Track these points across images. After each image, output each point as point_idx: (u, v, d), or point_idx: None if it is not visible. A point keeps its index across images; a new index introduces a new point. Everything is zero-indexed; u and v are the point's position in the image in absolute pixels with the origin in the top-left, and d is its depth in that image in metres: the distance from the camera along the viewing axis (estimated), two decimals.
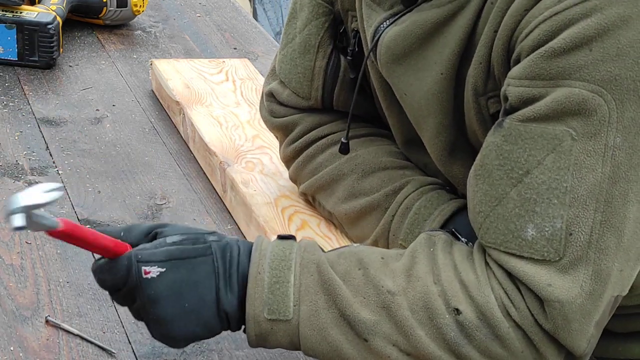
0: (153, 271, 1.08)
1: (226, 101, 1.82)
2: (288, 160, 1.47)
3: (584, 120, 1.04)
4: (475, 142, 1.21)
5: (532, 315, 1.07)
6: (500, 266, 1.09)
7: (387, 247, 1.32)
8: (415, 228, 1.27)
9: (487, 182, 1.10)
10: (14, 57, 2.02)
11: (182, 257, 1.10)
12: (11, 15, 2.01)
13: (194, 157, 1.73)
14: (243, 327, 1.13)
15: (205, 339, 1.14)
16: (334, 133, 1.41)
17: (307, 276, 1.11)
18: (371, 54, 1.26)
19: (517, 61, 1.09)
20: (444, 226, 1.24)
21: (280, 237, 1.15)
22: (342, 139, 1.35)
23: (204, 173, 1.67)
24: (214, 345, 1.26)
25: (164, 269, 1.09)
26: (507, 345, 1.08)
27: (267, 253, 1.12)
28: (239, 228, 1.52)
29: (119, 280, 1.10)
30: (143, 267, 1.08)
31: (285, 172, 1.51)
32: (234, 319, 1.12)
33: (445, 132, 1.22)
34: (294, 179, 1.47)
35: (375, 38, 1.24)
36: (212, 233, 1.14)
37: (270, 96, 1.47)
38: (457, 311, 1.08)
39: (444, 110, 1.21)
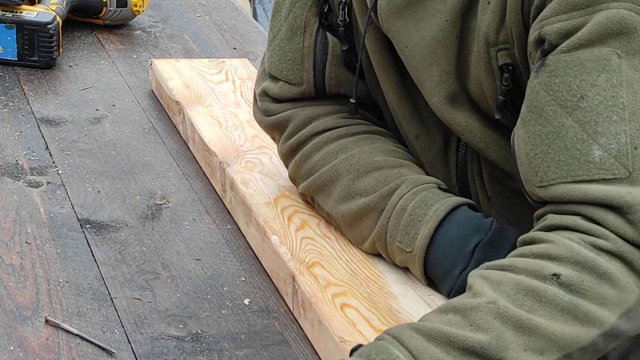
0: None
1: (226, 101, 1.82)
2: (286, 159, 1.47)
3: (625, 39, 1.08)
4: (478, 95, 1.24)
5: (618, 234, 1.06)
6: (564, 214, 1.08)
7: (385, 249, 1.32)
8: (411, 230, 1.28)
9: (539, 122, 1.11)
10: (13, 57, 2.02)
11: None
12: (11, 15, 2.01)
13: (194, 157, 1.73)
14: None
15: None
16: (329, 130, 1.41)
17: (410, 340, 1.04)
18: (371, 12, 1.28)
19: (541, 7, 1.12)
20: (440, 226, 1.25)
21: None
22: (351, 99, 1.38)
23: (204, 173, 1.68)
24: (214, 345, 1.26)
25: None
26: (614, 281, 1.05)
27: (356, 355, 1.05)
28: (238, 228, 1.52)
29: None
30: None
31: (284, 172, 1.51)
32: None
33: (448, 80, 1.24)
34: (293, 178, 1.48)
35: None
36: None
37: (263, 95, 1.47)
38: (556, 276, 1.05)
39: (448, 58, 1.23)
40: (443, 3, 1.22)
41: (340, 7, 1.38)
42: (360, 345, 1.07)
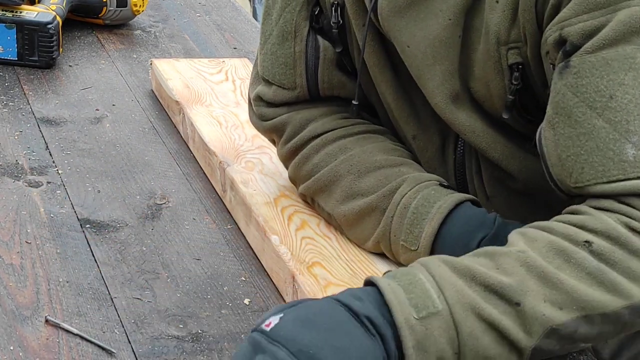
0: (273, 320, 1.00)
1: (226, 101, 1.82)
2: (285, 160, 1.47)
3: None
4: (483, 94, 1.24)
5: None
6: (604, 198, 1.09)
7: (389, 248, 1.32)
8: (415, 228, 1.28)
9: (567, 124, 1.11)
10: (13, 57, 2.02)
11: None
12: (11, 15, 2.01)
13: (194, 156, 1.73)
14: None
15: None
16: (327, 132, 1.41)
17: (436, 268, 1.07)
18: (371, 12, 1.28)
19: (558, 7, 1.12)
20: (443, 223, 1.25)
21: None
22: (353, 101, 1.38)
23: (204, 173, 1.68)
24: (214, 345, 1.26)
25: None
26: None
27: (384, 277, 1.07)
28: (238, 228, 1.52)
29: None
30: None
31: (284, 172, 1.51)
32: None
33: (451, 79, 1.24)
34: (293, 179, 1.48)
35: None
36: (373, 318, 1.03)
37: (258, 100, 1.47)
38: (588, 243, 1.07)
39: (451, 57, 1.23)
40: (445, 2, 1.22)
41: (333, 8, 1.38)
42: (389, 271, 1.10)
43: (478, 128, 1.27)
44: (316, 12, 1.40)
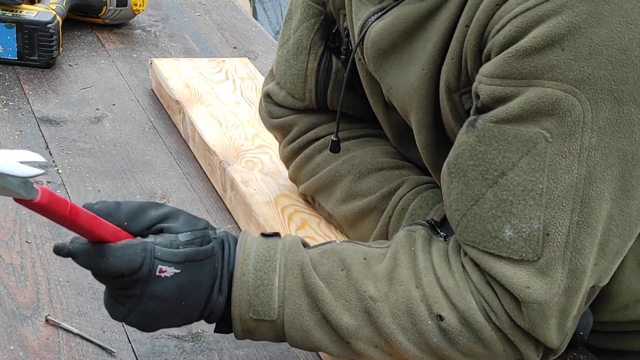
0: (169, 271, 1.07)
1: (226, 100, 1.82)
2: (287, 160, 1.47)
3: (558, 121, 1.03)
4: (454, 140, 1.21)
5: (510, 317, 1.08)
6: (477, 267, 1.09)
7: None
8: None
9: (462, 181, 1.09)
10: (13, 57, 2.02)
11: (197, 259, 1.09)
12: (11, 15, 2.01)
13: (194, 156, 1.73)
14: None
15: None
16: (331, 134, 1.41)
17: (291, 278, 1.11)
18: (358, 49, 1.25)
19: (488, 57, 1.07)
20: (440, 225, 1.24)
21: (264, 235, 1.15)
22: (332, 137, 1.35)
23: (204, 172, 1.68)
24: (214, 345, 1.26)
25: (179, 271, 1.08)
26: (490, 346, 1.09)
27: (251, 252, 1.12)
28: (238, 227, 1.52)
29: (130, 269, 1.06)
30: (160, 266, 1.07)
31: (285, 172, 1.51)
32: (216, 317, 1.13)
33: (426, 131, 1.21)
34: (293, 179, 1.48)
35: (362, 32, 1.23)
36: (208, 226, 1.13)
37: (267, 97, 1.47)
38: (440, 317, 1.08)
39: (424, 108, 1.19)
40: (423, 49, 1.17)
41: (345, 33, 1.36)
42: (275, 234, 1.15)
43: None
44: (333, 31, 1.39)
